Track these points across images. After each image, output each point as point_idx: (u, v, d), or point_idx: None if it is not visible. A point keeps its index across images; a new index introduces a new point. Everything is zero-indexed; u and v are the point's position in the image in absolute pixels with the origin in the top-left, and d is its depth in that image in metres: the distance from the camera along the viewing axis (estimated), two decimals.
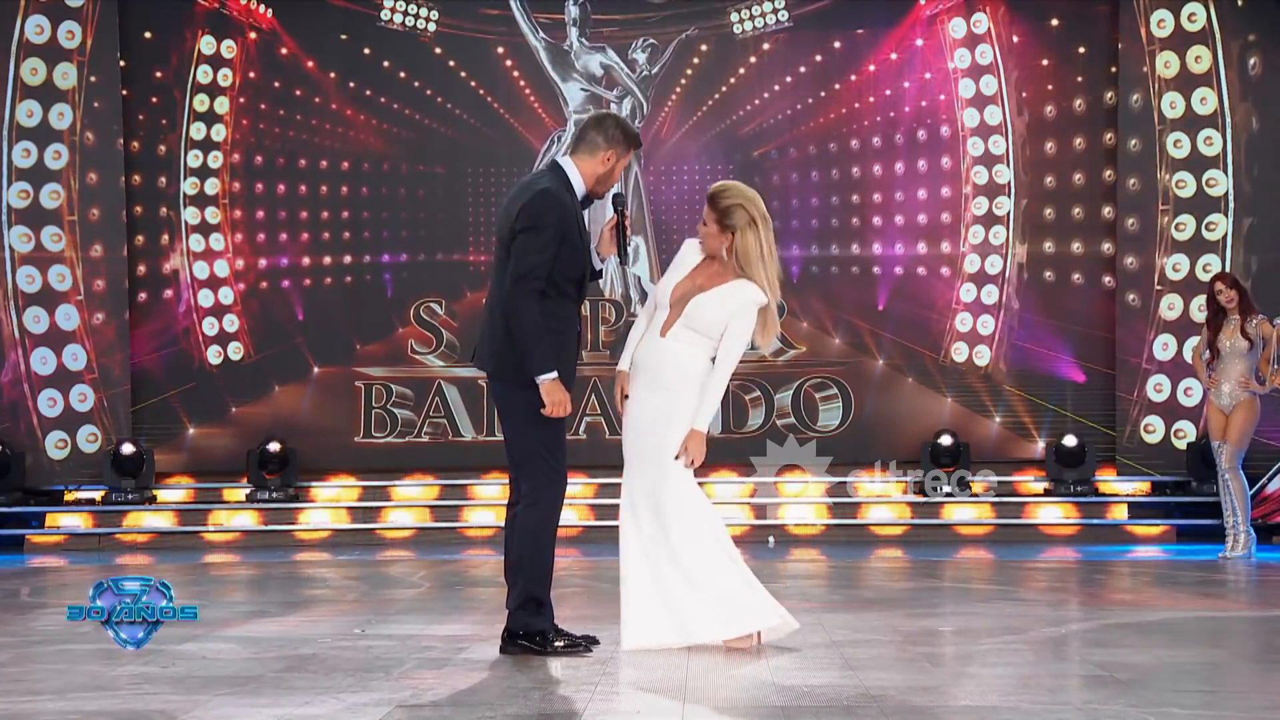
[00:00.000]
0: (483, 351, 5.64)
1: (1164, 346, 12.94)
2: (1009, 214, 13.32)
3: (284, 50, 13.59)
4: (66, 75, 13.09)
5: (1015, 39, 13.34)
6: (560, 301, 5.54)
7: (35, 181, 13.10)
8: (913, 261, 13.49)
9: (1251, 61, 12.86)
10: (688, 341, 5.77)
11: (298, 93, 13.60)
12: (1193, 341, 11.14)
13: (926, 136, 13.47)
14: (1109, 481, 12.99)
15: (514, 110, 13.63)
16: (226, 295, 13.57)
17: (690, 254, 5.89)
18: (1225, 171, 12.91)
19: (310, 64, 13.60)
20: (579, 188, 5.59)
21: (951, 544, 12.20)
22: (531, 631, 5.53)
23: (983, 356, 13.42)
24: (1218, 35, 12.88)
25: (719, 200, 5.74)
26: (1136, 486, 13.00)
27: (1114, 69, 13.18)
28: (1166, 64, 12.95)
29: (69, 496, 12.95)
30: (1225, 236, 12.88)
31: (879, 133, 13.51)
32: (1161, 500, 12.81)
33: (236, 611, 7.35)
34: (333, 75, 13.61)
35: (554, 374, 5.45)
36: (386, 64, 13.61)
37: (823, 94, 13.53)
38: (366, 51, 13.62)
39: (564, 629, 5.65)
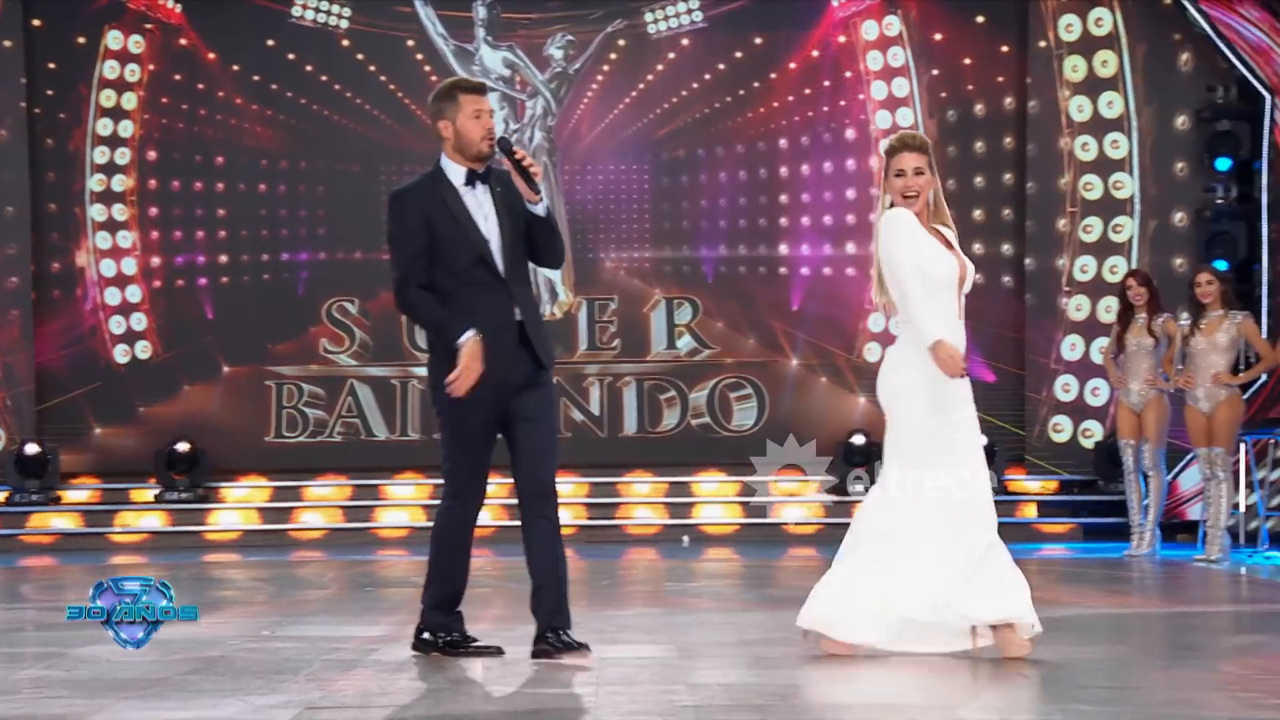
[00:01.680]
0: None
1: (1071, 347, 13.11)
2: None
3: (195, 47, 13.41)
4: None
5: (926, 42, 13.45)
6: (468, 291, 5.34)
7: None
8: (826, 262, 13.57)
9: (1185, 57, 12.99)
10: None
11: (203, 88, 13.43)
12: (1100, 342, 11.29)
13: (839, 138, 13.56)
14: (1018, 480, 13.13)
15: (427, 106, 13.52)
16: (134, 293, 13.37)
17: (914, 225, 5.45)
18: (1131, 174, 13.09)
19: (222, 61, 13.44)
20: (456, 171, 5.41)
21: None
22: (435, 629, 5.48)
23: None
24: (1124, 40, 13.06)
25: (927, 143, 5.50)
26: (1044, 485, 13.15)
27: (1023, 73, 13.33)
28: (1074, 68, 13.11)
29: None
30: (1131, 239, 13.06)
31: (793, 134, 13.57)
32: (1069, 499, 12.97)
33: None
34: (241, 70, 13.46)
35: (468, 334, 5.23)
36: (298, 60, 13.48)
37: (740, 92, 13.57)
38: (278, 48, 13.48)
39: (471, 634, 5.58)
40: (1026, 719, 4.23)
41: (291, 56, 13.47)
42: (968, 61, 13.47)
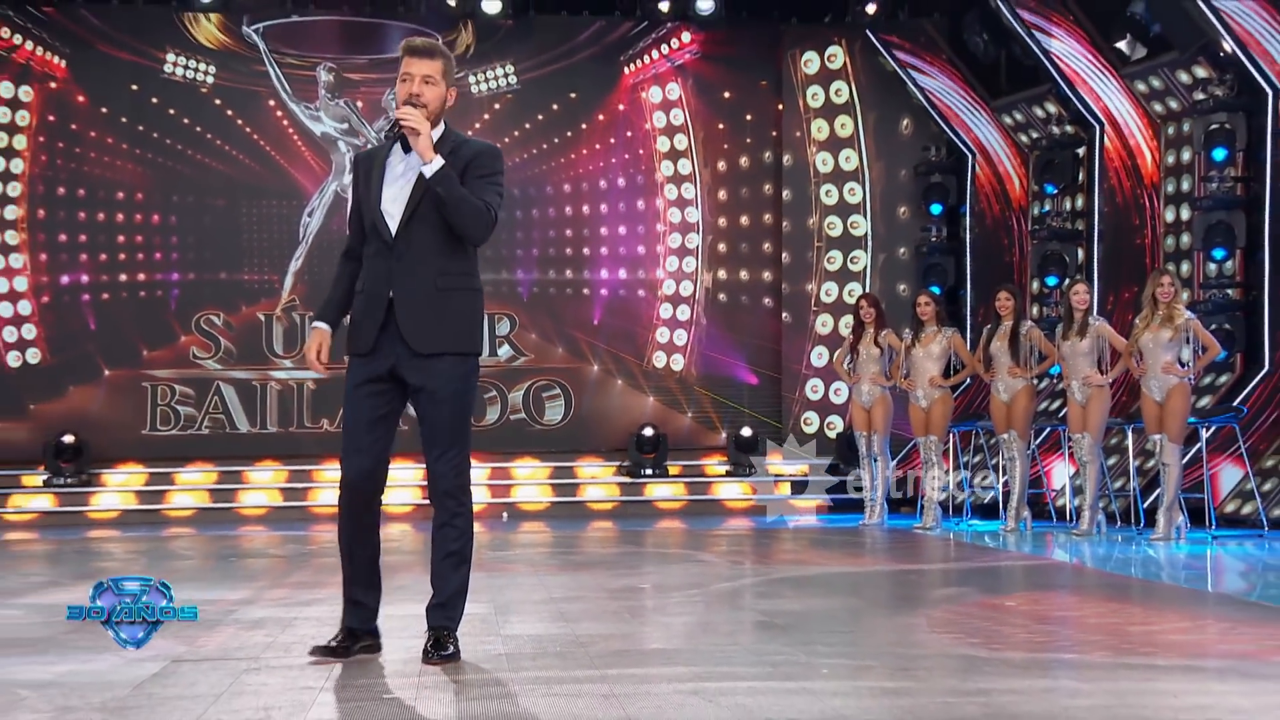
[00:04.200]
0: None
1: (819, 356, 13.42)
2: (698, 247, 13.60)
3: (77, 97, 12.90)
4: None
5: (700, 106, 13.64)
6: (367, 255, 4.34)
7: None
8: (622, 285, 13.65)
9: (906, 122, 13.38)
10: None
11: (77, 129, 12.90)
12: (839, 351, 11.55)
13: (632, 183, 13.65)
14: (776, 464, 13.38)
15: (283, 152, 13.25)
16: (25, 307, 12.81)
17: None
18: (865, 216, 13.48)
19: (101, 108, 12.95)
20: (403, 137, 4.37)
21: (652, 516, 12.38)
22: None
23: (678, 363, 13.67)
24: (858, 107, 13.44)
25: None
26: (797, 468, 13.42)
27: (777, 133, 13.62)
28: (819, 129, 13.44)
29: None
30: (865, 268, 13.45)
31: (594, 179, 13.63)
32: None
33: (30, 583, 6.93)
34: (109, 114, 12.95)
35: (315, 325, 4.40)
36: (157, 103, 13.03)
37: (556, 140, 13.57)
38: (145, 95, 13.02)
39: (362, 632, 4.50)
40: (776, 660, 4.30)
41: (156, 103, 13.04)
42: (726, 125, 13.70)
